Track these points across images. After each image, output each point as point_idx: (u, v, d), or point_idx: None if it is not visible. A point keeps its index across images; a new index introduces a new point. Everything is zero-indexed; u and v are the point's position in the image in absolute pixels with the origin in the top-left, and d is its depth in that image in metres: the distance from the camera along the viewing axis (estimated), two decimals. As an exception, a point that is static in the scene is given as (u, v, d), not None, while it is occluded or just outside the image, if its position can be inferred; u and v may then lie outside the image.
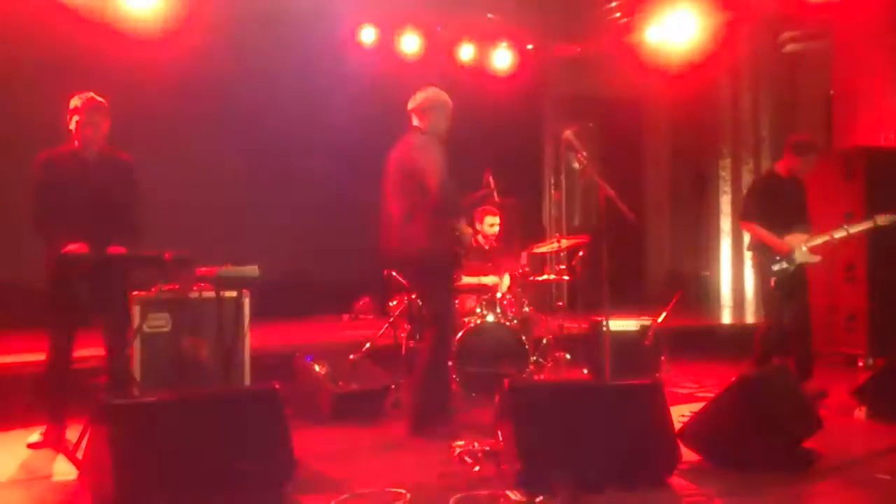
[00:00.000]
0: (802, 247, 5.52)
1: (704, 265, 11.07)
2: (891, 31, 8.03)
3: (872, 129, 8.11)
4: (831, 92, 9.05)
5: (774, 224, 5.57)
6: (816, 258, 5.56)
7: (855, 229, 5.56)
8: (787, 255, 5.52)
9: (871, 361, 6.79)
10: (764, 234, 5.59)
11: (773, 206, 5.61)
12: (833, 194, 7.19)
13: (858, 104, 8.30)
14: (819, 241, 5.55)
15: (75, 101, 4.39)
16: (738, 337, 8.23)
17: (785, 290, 5.59)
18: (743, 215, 5.90)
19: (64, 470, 3.87)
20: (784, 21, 9.50)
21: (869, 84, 8.17)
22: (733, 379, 3.89)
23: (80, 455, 3.70)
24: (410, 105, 4.76)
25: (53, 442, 4.26)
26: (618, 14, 9.57)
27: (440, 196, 4.43)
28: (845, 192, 7.13)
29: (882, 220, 5.51)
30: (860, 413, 4.95)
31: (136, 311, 4.77)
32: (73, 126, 4.39)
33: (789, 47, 9.93)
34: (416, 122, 4.75)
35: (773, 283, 5.58)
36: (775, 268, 5.56)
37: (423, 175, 4.47)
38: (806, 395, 4.31)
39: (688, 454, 3.83)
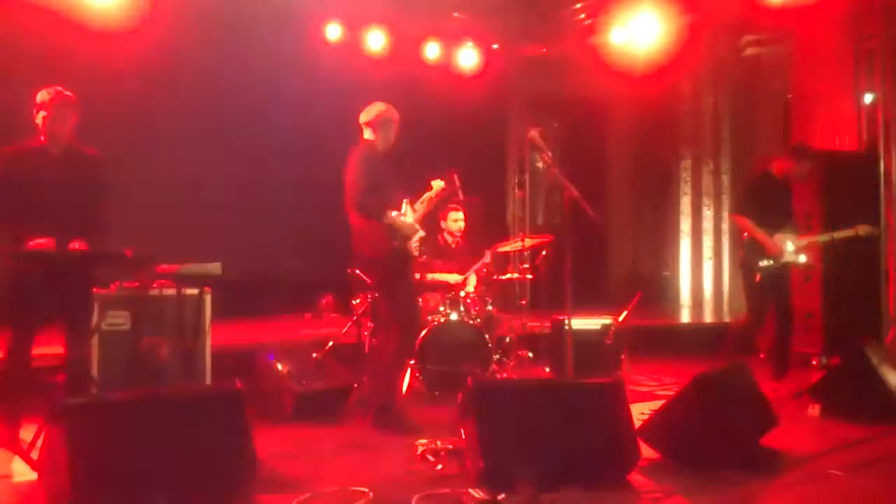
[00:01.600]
0: (790, 246, 5.67)
1: (665, 265, 11.21)
2: (847, 36, 8.20)
3: (828, 131, 8.27)
4: (789, 95, 9.24)
5: (765, 222, 5.69)
6: (801, 258, 5.73)
7: (839, 235, 5.81)
8: (776, 254, 5.64)
9: (824, 360, 6.93)
10: (756, 231, 5.68)
11: (766, 205, 5.73)
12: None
13: (815, 107, 8.46)
14: (805, 242, 5.75)
15: (42, 96, 4.23)
16: (697, 336, 8.38)
17: (770, 286, 5.71)
18: (737, 209, 6.02)
19: (22, 470, 3.78)
20: (744, 25, 9.65)
21: (826, 88, 8.33)
22: (691, 377, 3.95)
23: (34, 455, 3.63)
24: (363, 118, 4.90)
25: (7, 442, 4.15)
26: (582, 15, 9.62)
27: (355, 203, 4.68)
28: (801, 193, 7.24)
29: (863, 230, 5.77)
30: (814, 411, 5.06)
31: (94, 308, 4.70)
32: (39, 121, 4.24)
33: (749, 51, 10.10)
34: (367, 134, 4.90)
35: (758, 277, 5.69)
36: (762, 263, 5.67)
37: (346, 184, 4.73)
38: (762, 393, 4.40)
39: (648, 451, 3.88)
